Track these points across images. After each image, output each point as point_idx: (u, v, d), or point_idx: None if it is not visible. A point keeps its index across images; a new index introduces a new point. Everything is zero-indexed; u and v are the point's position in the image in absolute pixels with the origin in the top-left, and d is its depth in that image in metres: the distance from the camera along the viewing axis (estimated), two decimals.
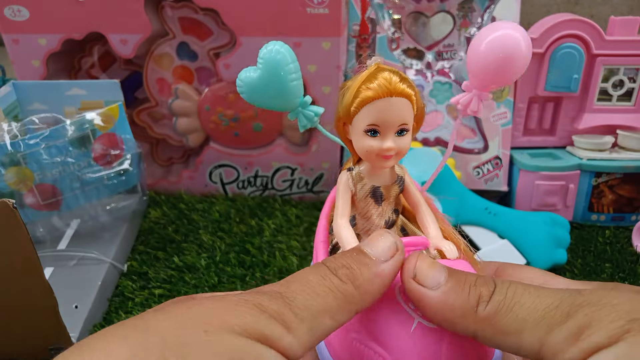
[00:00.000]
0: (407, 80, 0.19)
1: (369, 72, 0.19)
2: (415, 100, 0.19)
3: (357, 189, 0.21)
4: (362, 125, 0.19)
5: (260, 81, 0.20)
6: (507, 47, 0.18)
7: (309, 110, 0.22)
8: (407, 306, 0.17)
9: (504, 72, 0.19)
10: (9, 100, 0.46)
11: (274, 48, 0.21)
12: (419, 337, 0.17)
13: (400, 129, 0.19)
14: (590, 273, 0.41)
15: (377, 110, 0.19)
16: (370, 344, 0.17)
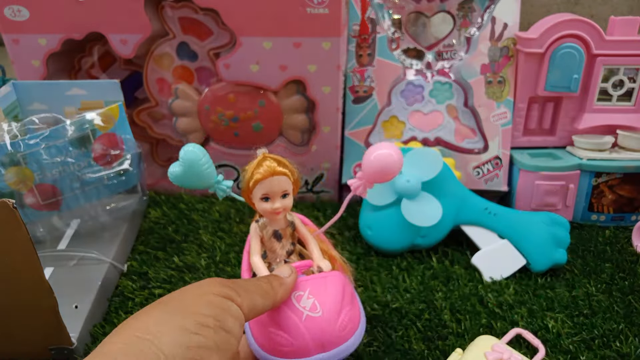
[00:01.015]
0: (284, 164, 0.29)
1: (258, 161, 0.30)
2: (290, 174, 0.30)
3: (264, 234, 0.31)
4: (258, 195, 0.30)
5: (183, 173, 0.29)
6: (385, 161, 0.29)
7: (222, 185, 0.31)
8: (299, 305, 0.27)
9: (382, 175, 0.30)
10: (9, 100, 0.46)
11: (189, 149, 0.29)
12: (307, 323, 0.27)
13: (283, 194, 0.30)
14: (590, 273, 0.41)
15: (266, 185, 0.29)
16: (278, 332, 0.27)
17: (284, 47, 0.46)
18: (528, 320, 0.36)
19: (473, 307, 0.38)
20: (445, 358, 0.33)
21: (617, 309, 0.37)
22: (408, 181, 0.41)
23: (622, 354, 0.33)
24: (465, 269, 0.42)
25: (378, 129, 0.53)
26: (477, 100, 0.51)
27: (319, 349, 0.26)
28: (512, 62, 0.50)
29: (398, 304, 0.38)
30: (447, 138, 0.52)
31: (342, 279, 0.29)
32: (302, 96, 0.50)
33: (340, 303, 0.28)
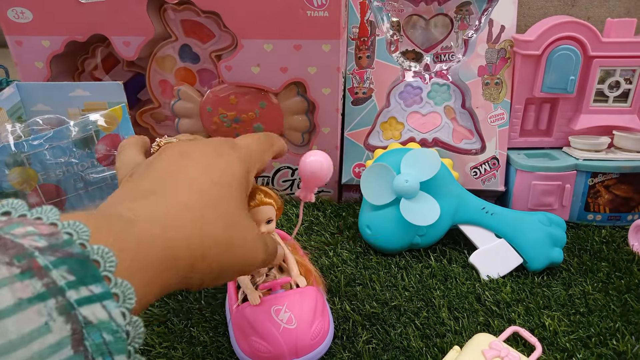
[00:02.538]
0: (269, 195, 0.32)
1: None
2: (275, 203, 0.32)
3: None
4: None
5: None
6: (315, 167, 0.32)
7: None
8: (277, 318, 0.32)
9: (316, 181, 0.33)
10: (13, 101, 0.47)
11: None
12: (283, 334, 0.31)
13: (267, 220, 0.32)
14: (587, 272, 0.42)
15: (254, 213, 0.31)
16: (258, 340, 0.31)
17: (284, 50, 0.46)
18: (525, 318, 0.37)
19: (471, 305, 0.38)
20: (443, 355, 0.33)
21: (614, 308, 0.38)
22: (407, 181, 0.42)
23: (618, 352, 0.33)
24: (463, 268, 0.43)
25: (377, 129, 0.53)
26: (475, 102, 0.51)
27: (293, 355, 0.31)
28: (509, 64, 0.50)
29: (397, 302, 0.38)
30: (445, 139, 0.52)
31: (315, 294, 0.34)
32: (302, 97, 0.50)
33: (312, 316, 0.32)
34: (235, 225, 0.22)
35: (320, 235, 0.47)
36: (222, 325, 0.36)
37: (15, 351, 0.12)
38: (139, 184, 0.23)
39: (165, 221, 0.19)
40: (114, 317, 0.15)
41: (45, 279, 0.14)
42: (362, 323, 0.36)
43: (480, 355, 0.31)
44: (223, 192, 0.22)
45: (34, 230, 0.15)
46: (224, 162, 0.24)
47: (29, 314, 0.13)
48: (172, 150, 0.24)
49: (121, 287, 0.16)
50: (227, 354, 0.34)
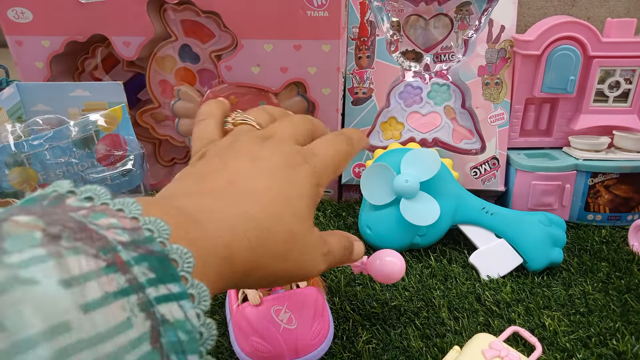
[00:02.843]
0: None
1: None
2: None
3: None
4: None
5: None
6: (391, 269, 0.33)
7: None
8: (277, 318, 0.32)
9: (384, 278, 0.33)
10: (13, 101, 0.47)
11: None
12: (284, 334, 0.31)
13: None
14: (587, 272, 0.42)
15: None
16: (259, 340, 0.31)
17: (284, 50, 0.46)
18: (525, 318, 0.37)
19: (471, 305, 0.38)
20: (443, 355, 0.33)
21: (614, 308, 0.38)
22: (407, 181, 0.42)
23: (618, 352, 0.33)
24: (463, 268, 0.43)
25: (377, 129, 0.53)
26: (475, 102, 0.51)
27: (293, 355, 0.31)
28: (509, 64, 0.51)
29: (397, 302, 0.38)
30: (445, 139, 0.52)
31: (315, 294, 0.34)
32: (302, 97, 0.50)
33: (312, 316, 0.32)
34: (295, 240, 0.22)
35: None
36: (222, 325, 0.36)
37: (103, 343, 0.12)
38: (208, 176, 0.22)
39: (229, 230, 0.19)
40: (190, 317, 0.15)
41: (127, 274, 0.14)
42: (362, 323, 0.36)
43: (480, 355, 0.31)
44: (288, 207, 0.22)
45: (117, 223, 0.15)
46: (294, 175, 0.23)
47: (114, 308, 0.13)
48: (244, 147, 0.24)
49: (197, 288, 0.16)
50: (227, 354, 0.34)
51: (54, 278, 0.12)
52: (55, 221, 0.14)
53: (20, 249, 0.13)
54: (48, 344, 0.11)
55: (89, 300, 0.13)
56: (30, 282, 0.12)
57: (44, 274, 0.12)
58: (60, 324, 0.12)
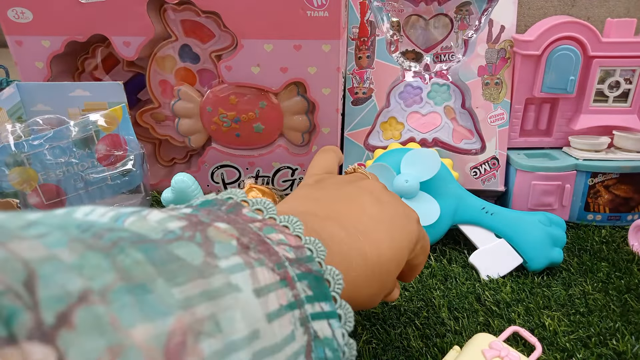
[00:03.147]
0: (267, 193, 0.34)
1: (245, 190, 0.34)
2: (271, 198, 0.33)
3: None
4: None
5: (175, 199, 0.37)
6: None
7: None
8: None
9: None
10: (13, 101, 0.47)
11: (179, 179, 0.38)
12: None
13: None
14: (587, 272, 0.42)
15: None
16: None
17: (284, 50, 0.46)
18: (525, 318, 0.37)
19: (470, 305, 0.38)
20: (443, 355, 0.33)
21: (614, 308, 0.38)
22: (407, 181, 0.42)
23: (618, 352, 0.34)
24: (462, 268, 0.43)
25: (377, 129, 0.53)
26: (475, 102, 0.51)
27: None
28: (509, 64, 0.51)
29: (396, 302, 0.38)
30: (445, 139, 0.52)
31: None
32: (302, 98, 0.50)
33: None
34: (386, 284, 0.23)
35: None
36: None
37: (277, 353, 0.13)
38: (333, 202, 0.23)
39: (346, 262, 0.20)
40: (337, 335, 0.16)
41: (294, 290, 0.15)
42: (361, 323, 0.36)
43: (480, 355, 0.31)
44: (397, 256, 0.23)
45: (284, 240, 0.16)
46: (407, 230, 0.24)
47: (285, 321, 0.14)
48: (369, 187, 0.25)
49: (344, 308, 0.17)
50: None
51: (250, 287, 0.13)
52: (243, 231, 0.15)
53: (226, 256, 0.13)
54: (247, 349, 0.12)
55: (271, 310, 0.13)
56: (237, 289, 0.13)
57: (244, 282, 0.13)
58: (255, 330, 0.13)
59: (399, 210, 0.25)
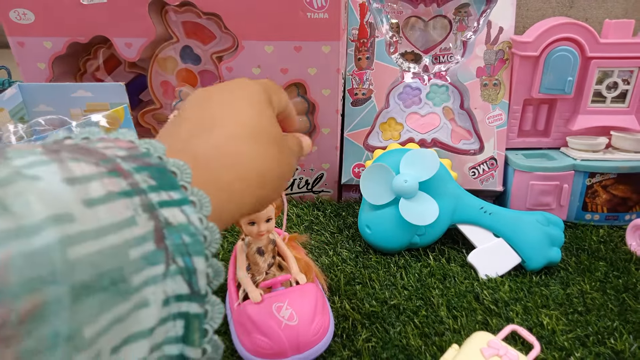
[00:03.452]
0: None
1: None
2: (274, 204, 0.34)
3: (249, 250, 0.36)
4: (246, 220, 0.34)
5: None
6: None
7: None
8: (279, 315, 0.32)
9: None
10: (15, 101, 0.47)
11: None
12: (285, 330, 0.32)
13: (267, 219, 0.34)
14: (585, 271, 0.42)
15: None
16: (261, 337, 0.32)
17: (284, 51, 0.47)
18: (523, 317, 0.37)
19: (469, 304, 0.38)
20: (442, 354, 0.33)
21: (612, 307, 0.38)
22: (406, 181, 0.42)
23: (616, 351, 0.34)
24: (461, 267, 0.43)
25: (376, 130, 0.53)
26: (473, 103, 0.51)
27: (294, 351, 0.31)
28: (507, 65, 0.51)
29: (396, 300, 0.39)
30: (444, 139, 0.53)
31: (315, 290, 0.34)
32: (302, 98, 0.51)
33: (313, 312, 0.33)
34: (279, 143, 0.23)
35: (320, 235, 0.48)
36: (224, 323, 0.37)
37: (107, 235, 0.13)
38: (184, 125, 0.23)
39: (227, 150, 0.20)
40: (192, 221, 0.16)
41: (129, 179, 0.15)
42: (361, 321, 0.37)
43: (479, 354, 0.32)
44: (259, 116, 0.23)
45: (113, 144, 0.16)
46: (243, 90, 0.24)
47: (118, 206, 0.14)
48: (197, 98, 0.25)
49: (197, 195, 0.16)
50: (229, 352, 0.34)
51: (57, 176, 0.13)
52: (53, 143, 0.15)
53: (23, 156, 0.13)
54: (53, 230, 0.12)
55: (93, 196, 0.13)
56: (34, 177, 0.13)
57: (47, 172, 0.13)
58: (65, 214, 0.12)
59: (226, 89, 0.24)
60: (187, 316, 0.15)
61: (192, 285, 0.15)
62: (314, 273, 0.36)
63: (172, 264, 0.15)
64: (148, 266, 0.14)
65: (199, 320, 0.15)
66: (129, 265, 0.13)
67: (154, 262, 0.14)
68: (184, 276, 0.15)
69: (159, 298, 0.14)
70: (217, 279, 0.16)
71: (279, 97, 0.27)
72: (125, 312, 0.13)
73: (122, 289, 0.13)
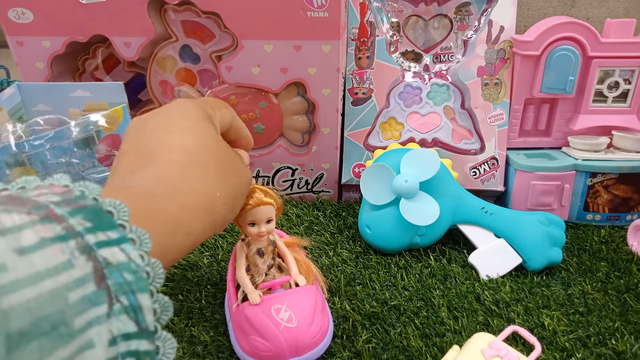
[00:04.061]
0: (269, 194, 0.33)
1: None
2: (274, 203, 0.34)
3: (248, 251, 0.35)
4: (246, 221, 0.34)
5: None
6: None
7: None
8: (278, 317, 0.32)
9: None
10: (14, 101, 0.47)
11: None
12: (284, 333, 0.31)
13: (267, 220, 0.34)
14: (586, 271, 0.42)
15: (253, 213, 0.33)
16: (259, 339, 0.32)
17: (284, 50, 0.46)
18: (524, 318, 0.37)
19: (470, 304, 0.38)
20: (443, 355, 0.33)
21: (613, 307, 0.38)
22: (406, 181, 0.42)
23: (617, 352, 0.34)
24: (462, 268, 0.43)
25: (377, 130, 0.53)
26: (474, 102, 0.51)
27: (293, 354, 0.31)
28: (508, 65, 0.51)
29: (396, 301, 0.38)
30: (445, 139, 0.53)
31: (315, 292, 0.34)
32: (302, 98, 0.50)
33: (312, 315, 0.32)
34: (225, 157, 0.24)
35: (320, 235, 0.47)
36: (223, 325, 0.36)
37: (43, 280, 0.13)
38: (123, 160, 0.23)
39: (168, 179, 0.20)
40: (133, 258, 0.16)
41: (63, 223, 0.15)
42: (362, 322, 0.37)
43: (480, 355, 0.31)
44: (200, 137, 0.23)
45: (48, 191, 0.16)
46: (179, 110, 0.24)
47: (53, 251, 0.14)
48: (133, 128, 0.25)
49: (136, 232, 0.16)
50: (228, 354, 0.34)
51: None
52: None
53: None
54: None
55: (25, 245, 0.13)
56: None
57: None
58: None
59: (168, 108, 0.24)
60: (137, 354, 0.15)
61: (140, 322, 0.15)
62: (313, 275, 0.36)
63: (116, 303, 0.15)
64: (91, 307, 0.14)
65: (150, 358, 0.15)
66: (69, 308, 0.13)
67: (96, 303, 0.14)
68: (130, 314, 0.15)
69: (104, 338, 0.14)
70: (165, 314, 0.16)
71: (222, 113, 0.26)
72: (68, 355, 0.13)
73: (63, 332, 0.13)
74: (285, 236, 0.39)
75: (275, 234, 0.36)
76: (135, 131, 0.24)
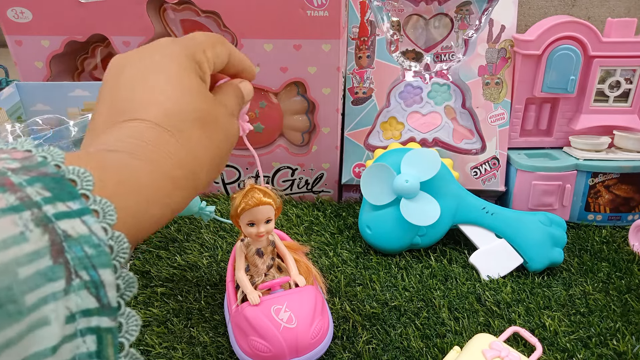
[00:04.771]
0: (268, 194, 0.33)
1: (246, 191, 0.33)
2: (273, 203, 0.33)
3: (248, 251, 0.35)
4: (245, 221, 0.34)
5: None
6: None
7: (206, 210, 0.42)
8: (277, 317, 0.32)
9: None
10: (13, 101, 0.47)
11: None
12: (284, 333, 0.31)
13: (266, 220, 0.34)
14: (587, 272, 0.42)
15: (252, 213, 0.33)
16: (259, 340, 0.31)
17: (284, 49, 0.46)
18: (525, 319, 0.37)
19: (471, 305, 0.38)
20: (444, 356, 0.33)
21: (614, 308, 0.38)
22: (407, 181, 0.42)
23: (618, 352, 0.34)
24: (463, 268, 0.43)
25: (377, 129, 0.53)
26: (475, 102, 0.51)
27: (293, 355, 0.31)
28: (509, 64, 0.50)
29: (397, 302, 0.38)
30: (445, 139, 0.52)
31: (315, 293, 0.34)
32: (302, 97, 0.50)
33: (312, 315, 0.32)
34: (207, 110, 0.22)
35: (320, 235, 0.47)
36: (222, 326, 0.36)
37: None
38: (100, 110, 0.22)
39: (144, 144, 0.19)
40: (95, 231, 0.15)
41: (18, 193, 0.14)
42: (362, 323, 0.36)
43: (481, 356, 0.31)
44: (179, 93, 0.21)
45: (7, 156, 0.15)
46: (160, 58, 0.22)
47: (3, 223, 0.13)
48: (113, 69, 0.23)
49: (100, 204, 0.16)
50: (227, 354, 0.34)
51: None
52: None
53: None
54: None
55: None
56: None
57: None
58: None
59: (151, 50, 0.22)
60: (98, 331, 0.14)
61: (101, 298, 0.15)
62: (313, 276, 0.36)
63: (75, 278, 0.14)
64: (45, 282, 0.13)
65: (112, 335, 0.15)
66: (19, 284, 0.13)
67: (52, 278, 0.13)
68: (90, 290, 0.14)
69: (61, 314, 0.13)
70: (130, 289, 0.15)
71: (215, 53, 0.24)
72: (17, 333, 0.12)
73: (11, 310, 0.12)
74: (287, 239, 0.39)
75: (275, 234, 0.36)
76: (112, 79, 0.21)
